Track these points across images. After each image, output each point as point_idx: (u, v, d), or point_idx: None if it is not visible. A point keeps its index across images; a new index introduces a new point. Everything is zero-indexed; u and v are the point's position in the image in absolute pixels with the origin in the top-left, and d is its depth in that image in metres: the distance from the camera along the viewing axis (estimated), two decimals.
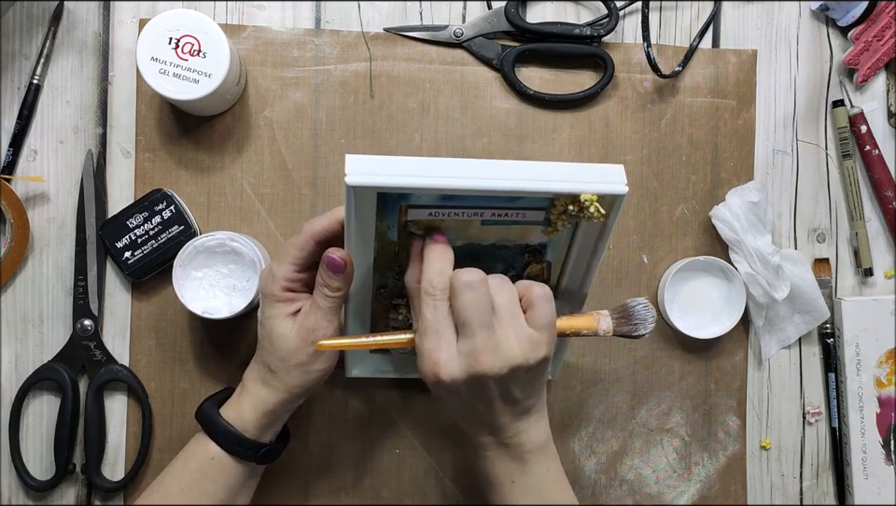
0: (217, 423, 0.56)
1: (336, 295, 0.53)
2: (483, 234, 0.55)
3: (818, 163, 0.73)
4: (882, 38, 0.71)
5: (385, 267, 0.57)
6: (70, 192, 0.66)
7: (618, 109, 0.70)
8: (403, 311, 0.59)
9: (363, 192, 0.49)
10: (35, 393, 0.66)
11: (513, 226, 0.54)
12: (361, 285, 0.56)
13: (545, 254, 0.57)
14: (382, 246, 0.55)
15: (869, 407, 0.72)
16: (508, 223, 0.54)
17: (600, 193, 0.49)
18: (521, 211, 0.53)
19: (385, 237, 0.54)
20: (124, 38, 0.67)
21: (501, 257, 0.57)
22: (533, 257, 0.57)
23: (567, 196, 0.50)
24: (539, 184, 0.49)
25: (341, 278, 0.52)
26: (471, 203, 0.52)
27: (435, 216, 0.52)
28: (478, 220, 0.53)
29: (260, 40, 0.67)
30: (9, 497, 0.66)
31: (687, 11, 0.71)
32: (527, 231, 0.55)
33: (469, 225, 0.53)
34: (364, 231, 0.52)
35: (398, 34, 0.68)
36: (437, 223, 0.53)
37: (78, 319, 0.66)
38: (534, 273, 0.58)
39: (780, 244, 0.72)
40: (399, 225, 0.53)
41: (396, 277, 0.57)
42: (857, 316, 0.71)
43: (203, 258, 0.61)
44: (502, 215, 0.53)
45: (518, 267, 0.58)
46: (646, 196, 0.71)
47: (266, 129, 0.67)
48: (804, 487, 0.73)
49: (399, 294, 0.59)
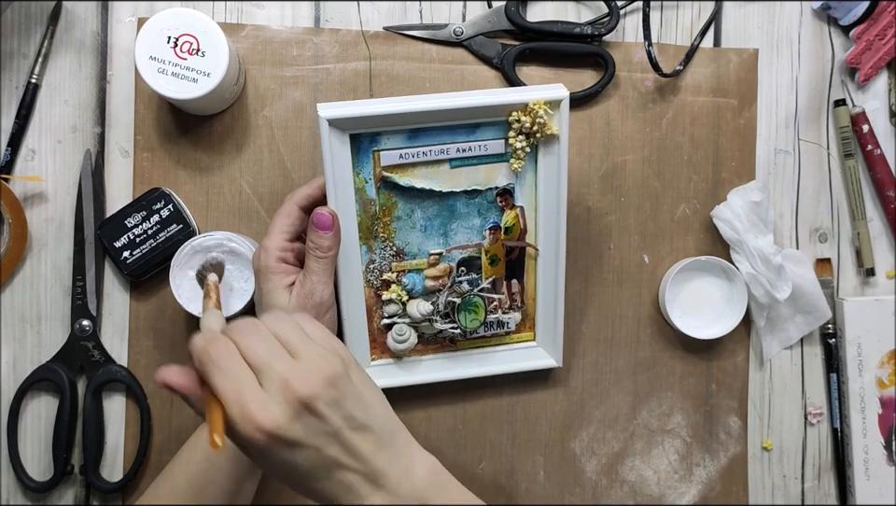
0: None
1: (327, 255, 0.54)
2: (454, 180, 0.60)
3: (819, 163, 0.72)
4: (884, 37, 0.70)
5: (369, 235, 0.61)
6: (68, 192, 0.66)
7: (619, 109, 0.70)
8: (395, 288, 0.63)
9: (338, 131, 0.56)
10: (33, 394, 0.66)
11: (480, 165, 0.60)
12: (350, 260, 0.60)
13: (516, 196, 0.62)
14: (363, 207, 0.60)
15: (871, 408, 0.71)
16: (474, 161, 0.60)
17: (545, 99, 0.57)
18: (483, 143, 0.59)
19: (365, 194, 0.59)
20: (123, 37, 0.67)
21: (476, 207, 0.62)
22: (505, 200, 0.62)
23: (517, 107, 0.57)
24: (492, 98, 0.57)
25: (330, 236, 0.54)
26: (437, 139, 0.58)
27: (406, 158, 0.58)
28: (446, 161, 0.59)
29: (259, 39, 0.67)
30: (8, 497, 0.66)
31: (688, 10, 0.71)
32: (495, 171, 0.61)
33: (439, 169, 0.60)
34: (343, 182, 0.58)
35: (397, 32, 0.68)
36: (409, 169, 0.59)
37: (77, 319, 0.65)
38: (510, 220, 0.63)
39: (782, 244, 0.72)
40: (375, 177, 0.59)
41: (382, 247, 0.62)
42: (859, 317, 0.71)
43: (200, 258, 0.61)
44: (466, 150, 0.59)
45: (494, 216, 0.62)
46: (647, 196, 0.70)
47: (265, 128, 0.67)
48: (805, 488, 0.73)
49: (388, 267, 0.62)
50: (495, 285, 0.65)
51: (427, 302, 0.63)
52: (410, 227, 0.62)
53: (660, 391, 0.71)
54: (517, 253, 0.64)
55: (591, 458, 0.71)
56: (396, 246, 0.62)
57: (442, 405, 0.69)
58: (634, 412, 0.71)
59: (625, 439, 0.71)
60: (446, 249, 0.63)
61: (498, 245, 0.63)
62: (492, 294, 0.65)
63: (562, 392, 0.70)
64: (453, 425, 0.69)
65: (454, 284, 0.64)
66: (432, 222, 0.62)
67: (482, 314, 0.64)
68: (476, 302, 0.64)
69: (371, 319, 0.64)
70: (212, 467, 0.56)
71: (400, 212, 0.61)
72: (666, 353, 0.71)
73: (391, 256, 0.62)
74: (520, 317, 0.66)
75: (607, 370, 0.71)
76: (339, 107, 0.55)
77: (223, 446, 0.40)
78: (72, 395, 0.65)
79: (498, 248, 0.64)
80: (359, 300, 0.62)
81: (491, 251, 0.64)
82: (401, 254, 0.62)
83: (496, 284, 0.65)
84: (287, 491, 0.67)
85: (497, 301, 0.65)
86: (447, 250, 0.63)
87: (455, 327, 0.63)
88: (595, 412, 0.71)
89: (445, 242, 0.63)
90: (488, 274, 0.64)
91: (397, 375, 0.65)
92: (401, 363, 0.66)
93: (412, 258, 0.63)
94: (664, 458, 0.71)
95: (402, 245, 0.62)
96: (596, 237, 0.70)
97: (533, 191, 0.62)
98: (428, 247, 0.62)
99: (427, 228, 0.62)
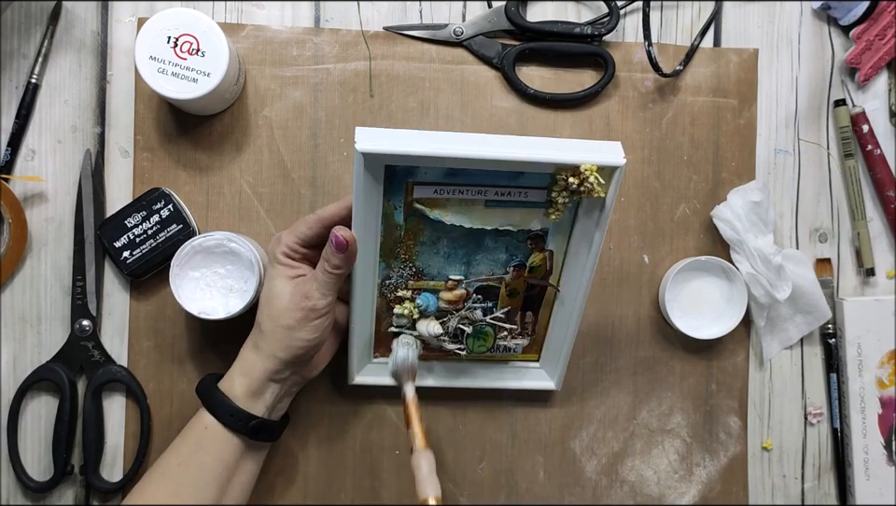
0: (211, 393, 0.58)
1: (335, 272, 0.55)
2: (486, 218, 0.57)
3: (819, 163, 0.72)
4: (884, 37, 0.70)
5: (389, 254, 0.59)
6: (68, 192, 0.66)
7: (619, 108, 0.70)
8: (408, 305, 0.61)
9: (372, 163, 0.51)
10: (33, 394, 0.66)
11: (516, 209, 0.56)
12: (366, 274, 0.59)
13: (547, 241, 0.59)
14: (388, 230, 0.57)
15: (871, 408, 0.71)
16: (511, 204, 0.56)
17: (599, 164, 0.52)
18: (523, 190, 0.55)
19: (392, 219, 0.57)
20: (123, 37, 0.66)
21: (505, 244, 0.59)
22: (535, 244, 0.59)
23: (567, 168, 0.52)
24: (542, 153, 0.52)
25: (342, 257, 0.54)
26: (476, 179, 0.54)
27: (440, 193, 0.55)
28: (482, 201, 0.56)
29: (259, 39, 0.67)
30: (8, 497, 0.66)
31: (688, 10, 0.71)
32: (530, 215, 0.57)
33: (473, 207, 0.56)
34: (371, 209, 0.54)
35: (397, 32, 0.68)
36: (441, 203, 0.55)
37: (77, 320, 0.65)
38: (537, 261, 0.60)
39: (782, 244, 0.72)
40: (406, 205, 0.56)
41: (401, 266, 0.59)
42: (859, 317, 0.71)
43: (200, 258, 0.61)
44: (505, 193, 0.55)
45: (521, 255, 0.60)
46: (647, 196, 0.70)
47: (265, 128, 0.67)
48: (805, 488, 0.73)
49: (404, 285, 0.61)
50: (508, 315, 0.64)
51: (438, 324, 0.61)
52: (433, 253, 0.59)
53: (660, 391, 0.71)
54: (538, 290, 0.63)
55: (591, 458, 0.71)
56: (416, 267, 0.60)
57: (443, 405, 0.69)
58: (634, 412, 0.71)
59: (625, 439, 0.71)
60: (466, 281, 0.61)
61: (521, 280, 0.62)
62: (504, 323, 0.64)
63: (562, 392, 0.70)
64: (453, 425, 0.69)
65: (467, 309, 0.62)
66: (457, 251, 0.59)
67: (490, 341, 0.63)
68: (487, 331, 0.63)
69: (380, 322, 0.63)
70: (201, 448, 0.57)
71: (426, 238, 0.58)
72: (666, 353, 0.71)
73: (409, 275, 0.60)
74: (527, 343, 0.66)
75: (607, 370, 0.71)
76: (377, 141, 0.51)
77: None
78: (72, 395, 0.65)
79: (520, 283, 0.62)
80: (370, 305, 0.61)
81: (511, 285, 0.62)
82: (420, 274, 0.60)
83: (509, 314, 0.64)
84: (288, 492, 0.68)
85: (508, 330, 0.64)
86: (467, 282, 0.61)
87: (461, 349, 0.63)
88: (595, 412, 0.71)
89: (467, 270, 0.60)
90: (504, 303, 0.63)
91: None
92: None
93: (430, 279, 0.61)
94: (664, 458, 0.71)
95: (423, 266, 0.60)
96: None
97: (566, 240, 0.59)
98: (449, 272, 0.60)
99: (451, 256, 0.59)
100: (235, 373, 0.58)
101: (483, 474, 0.70)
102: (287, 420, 0.63)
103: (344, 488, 0.68)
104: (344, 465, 0.68)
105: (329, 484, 0.68)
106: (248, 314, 0.61)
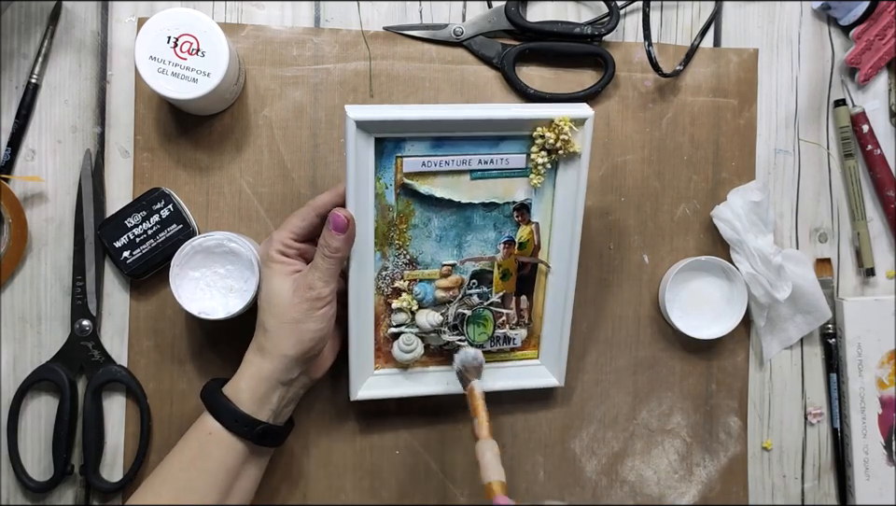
0: (215, 398, 0.57)
1: (335, 256, 0.55)
2: (473, 191, 0.61)
3: (819, 163, 0.72)
4: (884, 37, 0.70)
5: (384, 241, 0.61)
6: (68, 192, 0.66)
7: (619, 108, 0.70)
8: (406, 296, 0.62)
9: (363, 136, 0.56)
10: (33, 394, 0.66)
11: (500, 179, 0.61)
12: (364, 266, 0.60)
13: (532, 212, 0.62)
14: (381, 212, 0.60)
15: (871, 408, 0.71)
16: (495, 174, 0.60)
17: (570, 116, 0.58)
18: (504, 156, 0.60)
19: (383, 200, 0.59)
20: (122, 37, 0.66)
21: (493, 220, 0.62)
22: (521, 216, 0.62)
23: (543, 122, 0.58)
24: (519, 112, 0.58)
25: (342, 239, 0.55)
26: (460, 150, 0.59)
27: (428, 166, 0.59)
28: (467, 172, 0.60)
29: (259, 39, 0.67)
30: (8, 497, 0.66)
31: (688, 10, 0.71)
32: (513, 185, 0.61)
33: (460, 180, 0.60)
34: (363, 186, 0.58)
35: (397, 32, 0.68)
36: (430, 177, 0.59)
37: (77, 320, 0.65)
38: (525, 236, 0.63)
39: (782, 244, 0.72)
40: (396, 184, 0.59)
41: (396, 254, 0.61)
42: (859, 317, 0.71)
43: (200, 258, 0.61)
44: (488, 162, 0.60)
45: (509, 231, 0.62)
46: (647, 196, 0.70)
47: (265, 128, 0.67)
48: (805, 488, 0.73)
49: (401, 275, 0.62)
50: (504, 300, 0.64)
51: (437, 313, 0.63)
52: (425, 236, 0.61)
53: (660, 391, 0.71)
54: (529, 269, 0.64)
55: (591, 458, 0.71)
56: (410, 255, 0.62)
57: (443, 407, 0.69)
58: (634, 412, 0.71)
59: (625, 439, 0.71)
60: (460, 261, 0.62)
61: (511, 259, 0.63)
62: (501, 309, 0.65)
63: (562, 392, 0.70)
64: (453, 425, 0.69)
65: (464, 296, 0.63)
66: (448, 232, 0.62)
67: (490, 328, 0.64)
68: (485, 315, 0.64)
69: (378, 327, 0.64)
70: (203, 453, 0.57)
71: (417, 220, 0.61)
72: (666, 353, 0.71)
73: (404, 264, 0.62)
74: (526, 334, 0.66)
75: (607, 370, 0.71)
76: (367, 110, 0.56)
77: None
78: (72, 395, 0.65)
79: (511, 263, 0.63)
80: (368, 307, 0.62)
81: (503, 265, 0.63)
82: (414, 263, 0.62)
83: (505, 299, 0.65)
84: (288, 492, 0.68)
85: (506, 315, 0.65)
86: (461, 262, 0.63)
87: (462, 339, 0.63)
88: (595, 412, 0.71)
89: (459, 253, 0.62)
90: (499, 288, 0.64)
91: (401, 386, 0.65)
92: (405, 373, 0.65)
93: (424, 267, 0.62)
94: (664, 458, 0.71)
95: (416, 253, 0.62)
96: (596, 237, 0.70)
97: (549, 208, 0.62)
98: (442, 258, 0.62)
99: (443, 238, 0.62)
100: (241, 378, 0.58)
101: None
102: (292, 425, 0.63)
103: (344, 488, 0.68)
104: (344, 465, 0.68)
105: (329, 485, 0.68)
106: (248, 314, 0.61)
